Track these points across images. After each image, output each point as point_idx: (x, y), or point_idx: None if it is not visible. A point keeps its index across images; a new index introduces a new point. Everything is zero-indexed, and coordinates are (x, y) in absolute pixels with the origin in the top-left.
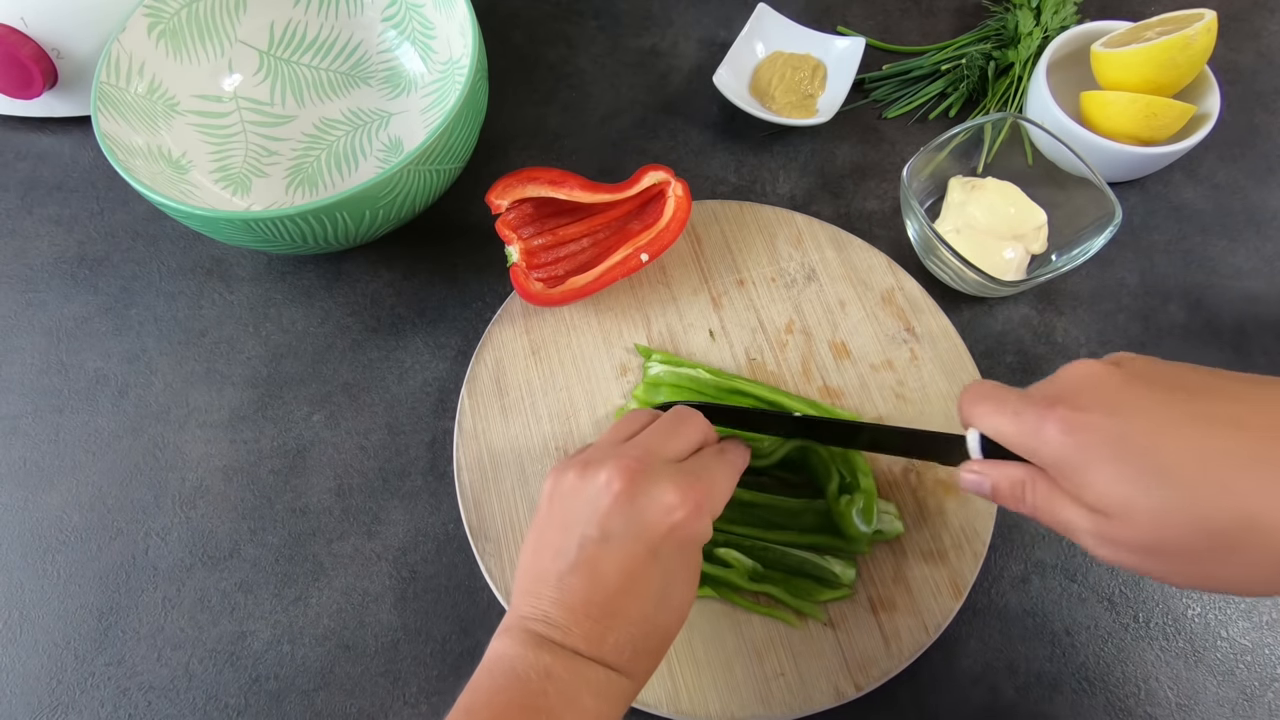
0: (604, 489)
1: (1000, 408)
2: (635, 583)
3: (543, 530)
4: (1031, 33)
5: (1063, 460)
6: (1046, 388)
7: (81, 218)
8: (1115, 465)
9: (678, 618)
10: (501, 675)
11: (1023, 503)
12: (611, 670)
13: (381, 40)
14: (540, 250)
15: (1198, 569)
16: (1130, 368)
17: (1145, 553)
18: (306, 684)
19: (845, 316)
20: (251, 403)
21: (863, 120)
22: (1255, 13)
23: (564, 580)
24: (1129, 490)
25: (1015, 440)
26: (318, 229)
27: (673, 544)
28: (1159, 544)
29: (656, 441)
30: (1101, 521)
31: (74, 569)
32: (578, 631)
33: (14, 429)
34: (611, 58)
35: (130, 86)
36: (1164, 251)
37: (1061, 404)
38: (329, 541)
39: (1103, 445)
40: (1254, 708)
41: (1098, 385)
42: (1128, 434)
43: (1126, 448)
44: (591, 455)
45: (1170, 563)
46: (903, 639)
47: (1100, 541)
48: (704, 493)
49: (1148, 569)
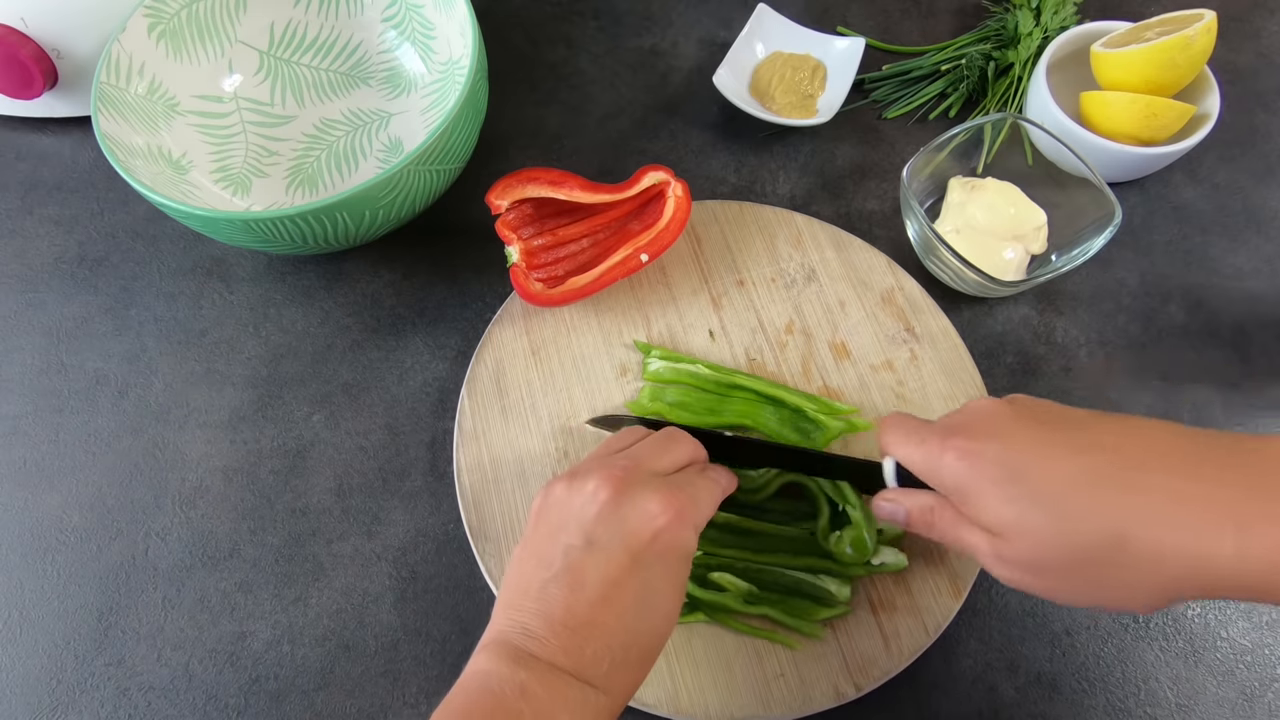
0: (591, 498)
1: (909, 437)
2: (617, 591)
3: (529, 542)
4: (1031, 33)
5: (960, 485)
6: (949, 419)
7: (81, 218)
8: (1002, 488)
9: (659, 631)
10: (476, 692)
11: (932, 528)
12: (589, 687)
13: (381, 40)
14: (540, 250)
15: (1076, 585)
16: (1019, 405)
17: (1030, 570)
18: (306, 684)
19: (845, 317)
20: (251, 403)
21: (863, 120)
22: (1255, 13)
23: (546, 590)
24: (1014, 511)
25: (921, 467)
26: (318, 229)
27: (655, 551)
28: (1040, 561)
29: (645, 454)
30: (996, 541)
31: (74, 569)
32: (556, 643)
33: (14, 429)
34: (611, 58)
35: (130, 87)
36: (1164, 251)
37: (959, 434)
38: (329, 542)
39: (991, 470)
40: (1254, 708)
41: (991, 418)
42: (1012, 460)
43: (1011, 472)
44: (580, 468)
45: (1052, 579)
46: (903, 639)
47: (995, 560)
48: (686, 501)
49: (1035, 586)
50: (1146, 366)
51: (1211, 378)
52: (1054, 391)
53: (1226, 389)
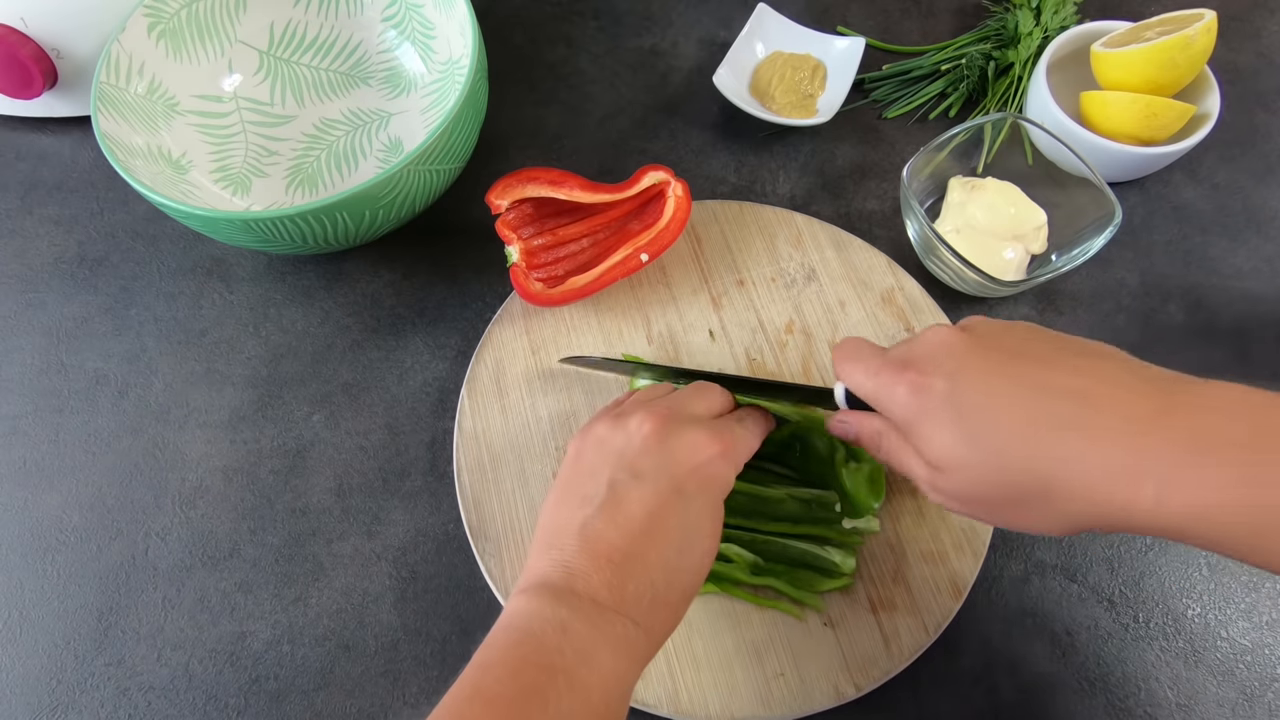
0: (635, 431)
1: (864, 366)
2: (659, 524)
3: (568, 483)
4: (1031, 33)
5: (908, 418)
6: (903, 349)
7: (81, 218)
8: (947, 427)
9: (698, 569)
10: (517, 631)
11: (879, 450)
12: (630, 622)
13: (381, 40)
14: (540, 250)
15: (1001, 515)
16: (978, 333)
17: (960, 500)
18: (306, 684)
19: (845, 316)
20: (251, 403)
21: (863, 120)
22: (1255, 13)
23: (588, 525)
24: (952, 449)
25: (871, 397)
26: (318, 229)
27: (697, 482)
28: (971, 495)
29: (684, 399)
30: (935, 474)
31: (74, 569)
32: (599, 578)
33: (14, 429)
34: (611, 58)
35: (130, 86)
36: (1164, 251)
37: (911, 368)
38: (329, 541)
39: (939, 408)
40: (1254, 708)
41: (945, 351)
42: (961, 399)
43: (957, 411)
44: (622, 409)
45: (979, 509)
46: (903, 639)
47: (932, 490)
48: (731, 440)
49: (962, 512)
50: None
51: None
52: None
53: None
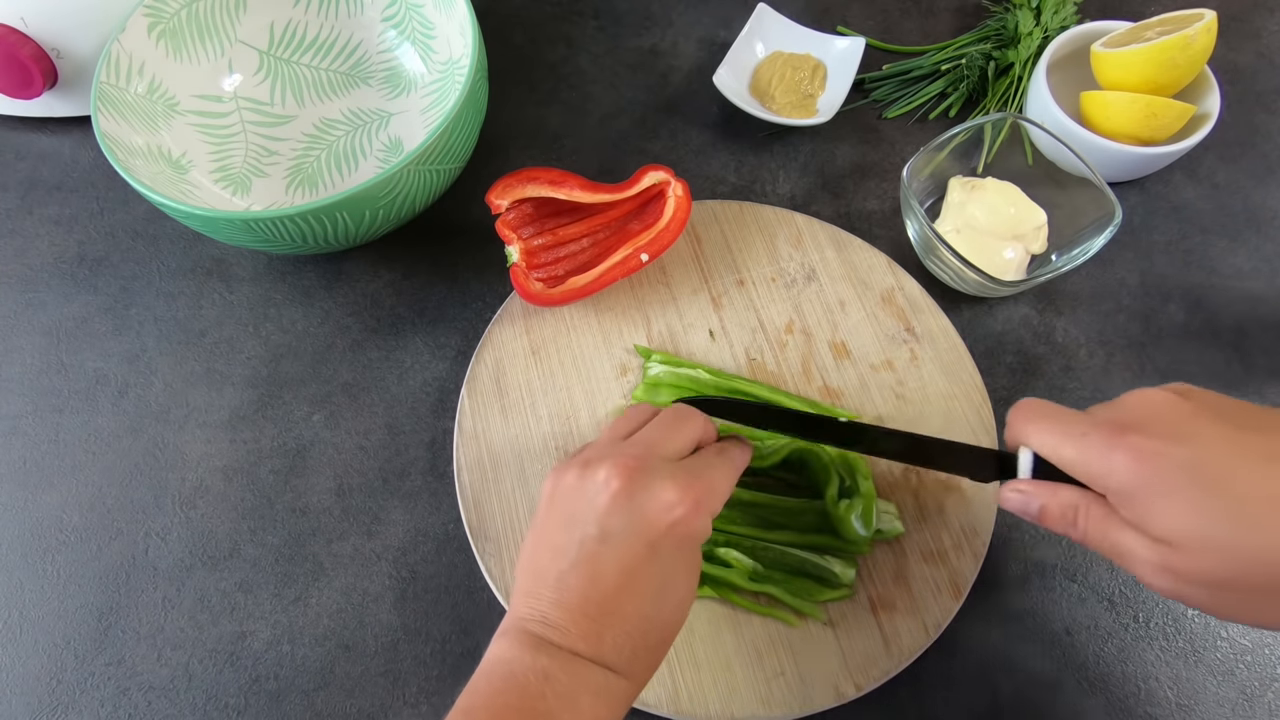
0: (603, 487)
1: (1063, 429)
2: (634, 581)
3: (542, 529)
4: (1031, 33)
5: (1131, 488)
6: (1111, 413)
7: (81, 218)
8: (1187, 496)
9: (677, 616)
10: (499, 679)
11: (1074, 527)
12: (610, 671)
13: (381, 40)
14: (540, 250)
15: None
16: (1198, 400)
17: (1206, 586)
18: (306, 684)
19: (845, 316)
20: (251, 403)
21: (863, 120)
22: (1255, 13)
23: (563, 579)
24: (1199, 522)
25: (1077, 465)
26: (318, 229)
27: (672, 541)
28: (1222, 578)
29: (656, 439)
30: (1165, 551)
31: (74, 569)
32: (576, 631)
33: (14, 429)
34: (611, 58)
35: (130, 86)
36: (1164, 251)
37: (1132, 431)
38: (329, 541)
39: (1175, 475)
40: (1254, 708)
41: (1167, 414)
42: (1201, 465)
43: (1199, 479)
44: (590, 454)
45: (1232, 598)
46: (903, 639)
47: (1159, 571)
48: (703, 490)
49: (1203, 602)
50: (1146, 366)
51: (1211, 378)
52: (1053, 391)
53: (1226, 389)
